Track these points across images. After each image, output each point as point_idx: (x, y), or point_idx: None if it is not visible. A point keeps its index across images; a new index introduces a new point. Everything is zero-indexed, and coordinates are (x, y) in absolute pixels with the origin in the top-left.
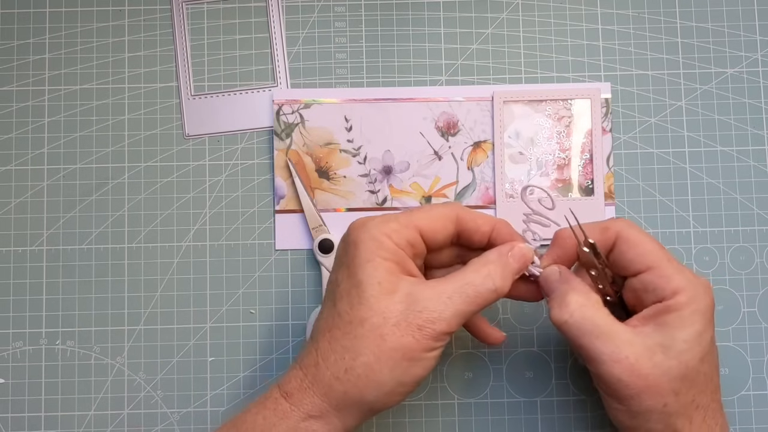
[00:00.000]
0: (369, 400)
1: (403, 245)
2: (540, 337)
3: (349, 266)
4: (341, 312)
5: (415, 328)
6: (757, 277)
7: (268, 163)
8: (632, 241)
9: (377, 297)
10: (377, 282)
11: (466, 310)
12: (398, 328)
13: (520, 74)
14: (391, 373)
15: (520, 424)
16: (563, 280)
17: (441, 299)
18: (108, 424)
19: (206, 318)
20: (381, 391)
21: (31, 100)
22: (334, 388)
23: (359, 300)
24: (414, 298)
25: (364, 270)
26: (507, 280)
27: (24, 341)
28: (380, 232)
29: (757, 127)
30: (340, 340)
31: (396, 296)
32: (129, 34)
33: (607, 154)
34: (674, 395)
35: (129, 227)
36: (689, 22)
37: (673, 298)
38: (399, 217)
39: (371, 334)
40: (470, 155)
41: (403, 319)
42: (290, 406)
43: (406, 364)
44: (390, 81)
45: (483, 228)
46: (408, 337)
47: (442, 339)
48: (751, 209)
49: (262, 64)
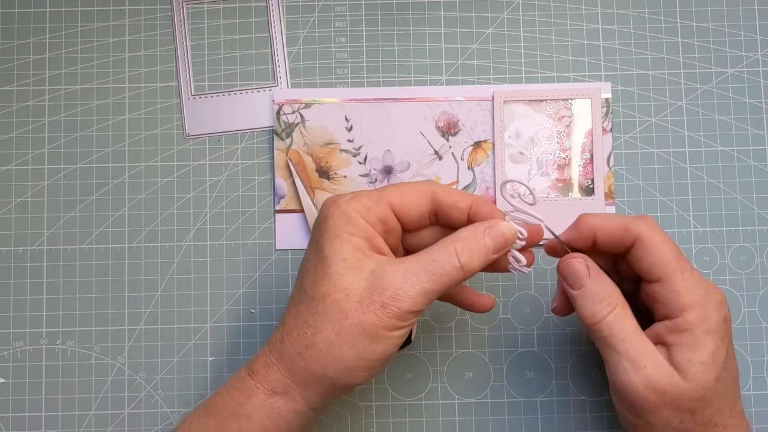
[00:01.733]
0: (330, 376)
1: (373, 221)
2: (540, 337)
3: (317, 242)
4: (306, 287)
5: (378, 306)
6: (758, 277)
7: (269, 163)
8: (649, 249)
9: (341, 273)
10: (342, 258)
11: (432, 288)
12: (361, 304)
13: (521, 74)
14: (352, 350)
15: (520, 424)
16: (595, 277)
17: (406, 276)
18: (108, 424)
19: (207, 318)
20: (341, 367)
21: (31, 100)
22: (296, 363)
23: (323, 275)
24: (379, 275)
25: (330, 245)
26: (476, 258)
27: (24, 341)
28: (350, 208)
29: (757, 127)
30: (304, 315)
31: (361, 273)
32: (129, 33)
33: (608, 154)
34: (690, 414)
35: (129, 227)
36: (690, 22)
37: (681, 316)
38: (371, 194)
39: (333, 310)
40: (471, 155)
41: (366, 296)
42: (255, 383)
43: (367, 342)
44: (390, 81)
45: (460, 204)
46: (370, 314)
47: (406, 318)
48: (751, 209)
49: (262, 63)
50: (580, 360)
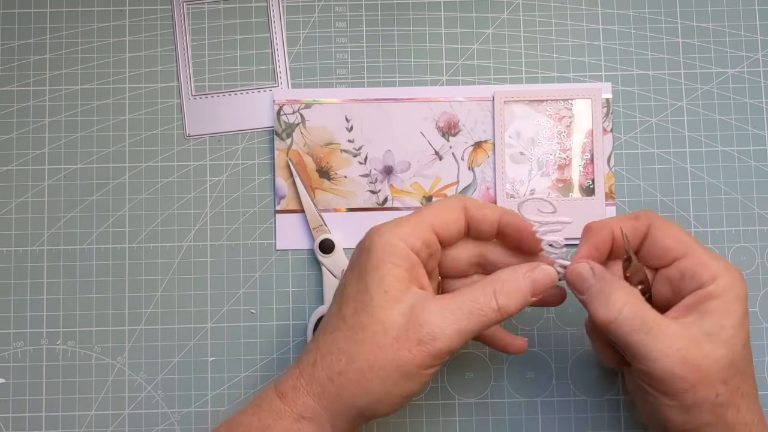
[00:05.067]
0: (359, 406)
1: (418, 247)
2: (541, 337)
3: (360, 271)
4: (345, 316)
5: (414, 343)
6: (758, 277)
7: (269, 163)
8: (665, 230)
9: (381, 305)
10: (384, 290)
11: (468, 328)
12: (397, 340)
13: (521, 74)
14: (382, 384)
15: (521, 424)
16: (600, 277)
17: (444, 314)
18: (109, 424)
19: (207, 318)
20: (371, 399)
21: (32, 100)
22: (327, 389)
23: (363, 306)
24: (417, 312)
25: (372, 276)
26: (514, 300)
27: (25, 341)
28: (394, 236)
29: (758, 127)
30: (339, 343)
31: (400, 307)
32: (130, 34)
33: (608, 154)
34: (723, 384)
35: (130, 227)
36: (690, 22)
37: (714, 283)
38: (410, 219)
39: (370, 341)
40: (471, 155)
41: (403, 331)
42: (284, 406)
43: (398, 378)
44: (391, 81)
45: (490, 217)
46: (405, 351)
47: (440, 357)
48: (752, 209)
49: (262, 64)
50: (581, 360)
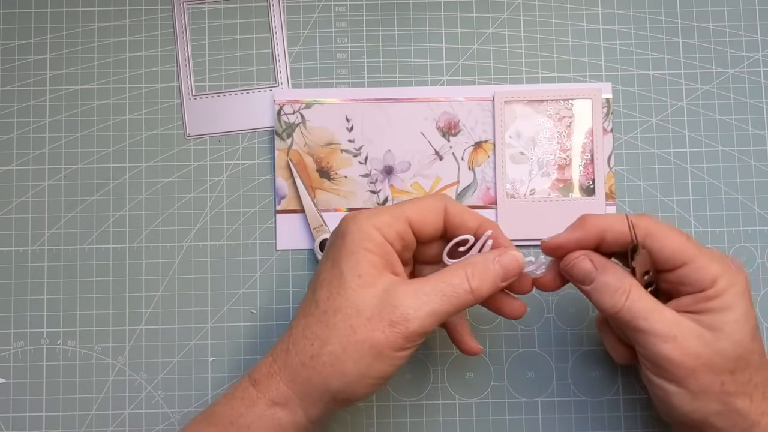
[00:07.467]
0: (332, 389)
1: (393, 238)
2: (541, 337)
3: (334, 257)
4: (318, 300)
5: (386, 324)
6: (759, 277)
7: (269, 163)
8: (664, 240)
9: (355, 289)
10: (357, 275)
11: (441, 310)
12: (370, 321)
13: (521, 74)
14: (356, 366)
15: (521, 425)
16: (603, 268)
17: (418, 296)
18: (109, 424)
19: (207, 318)
20: (343, 381)
21: (32, 100)
22: (300, 373)
23: (338, 290)
24: (391, 294)
25: (347, 261)
26: (486, 283)
27: (25, 341)
28: (370, 224)
29: (758, 128)
30: (312, 327)
31: (373, 290)
32: (130, 34)
33: (608, 154)
34: (730, 374)
35: (130, 227)
36: (690, 22)
37: (714, 286)
38: (390, 210)
39: (342, 324)
40: (471, 155)
41: (376, 313)
42: (257, 393)
43: (371, 359)
44: (391, 81)
45: (469, 224)
46: (378, 332)
47: (413, 339)
48: (752, 209)
49: (263, 64)
50: (581, 360)
